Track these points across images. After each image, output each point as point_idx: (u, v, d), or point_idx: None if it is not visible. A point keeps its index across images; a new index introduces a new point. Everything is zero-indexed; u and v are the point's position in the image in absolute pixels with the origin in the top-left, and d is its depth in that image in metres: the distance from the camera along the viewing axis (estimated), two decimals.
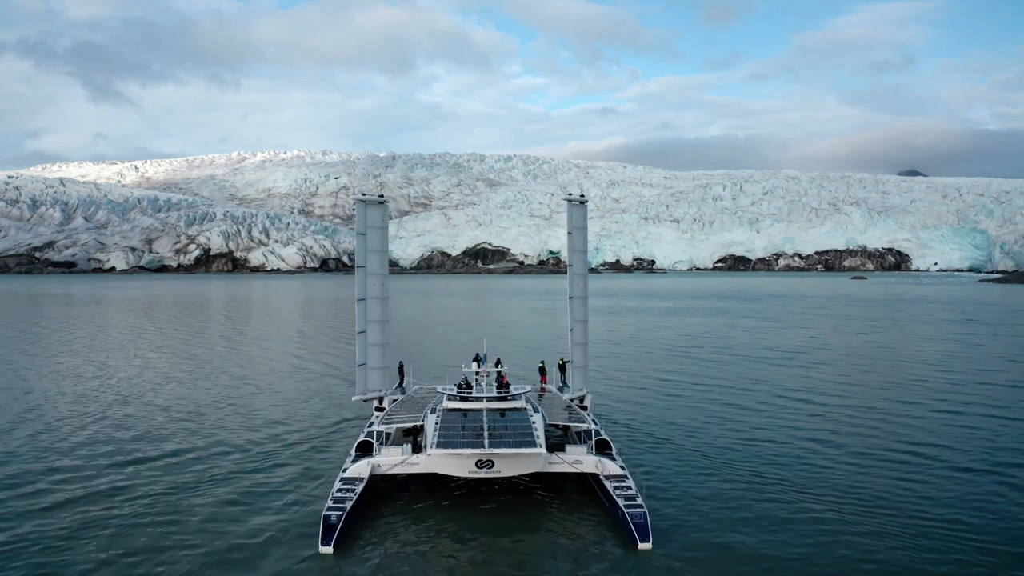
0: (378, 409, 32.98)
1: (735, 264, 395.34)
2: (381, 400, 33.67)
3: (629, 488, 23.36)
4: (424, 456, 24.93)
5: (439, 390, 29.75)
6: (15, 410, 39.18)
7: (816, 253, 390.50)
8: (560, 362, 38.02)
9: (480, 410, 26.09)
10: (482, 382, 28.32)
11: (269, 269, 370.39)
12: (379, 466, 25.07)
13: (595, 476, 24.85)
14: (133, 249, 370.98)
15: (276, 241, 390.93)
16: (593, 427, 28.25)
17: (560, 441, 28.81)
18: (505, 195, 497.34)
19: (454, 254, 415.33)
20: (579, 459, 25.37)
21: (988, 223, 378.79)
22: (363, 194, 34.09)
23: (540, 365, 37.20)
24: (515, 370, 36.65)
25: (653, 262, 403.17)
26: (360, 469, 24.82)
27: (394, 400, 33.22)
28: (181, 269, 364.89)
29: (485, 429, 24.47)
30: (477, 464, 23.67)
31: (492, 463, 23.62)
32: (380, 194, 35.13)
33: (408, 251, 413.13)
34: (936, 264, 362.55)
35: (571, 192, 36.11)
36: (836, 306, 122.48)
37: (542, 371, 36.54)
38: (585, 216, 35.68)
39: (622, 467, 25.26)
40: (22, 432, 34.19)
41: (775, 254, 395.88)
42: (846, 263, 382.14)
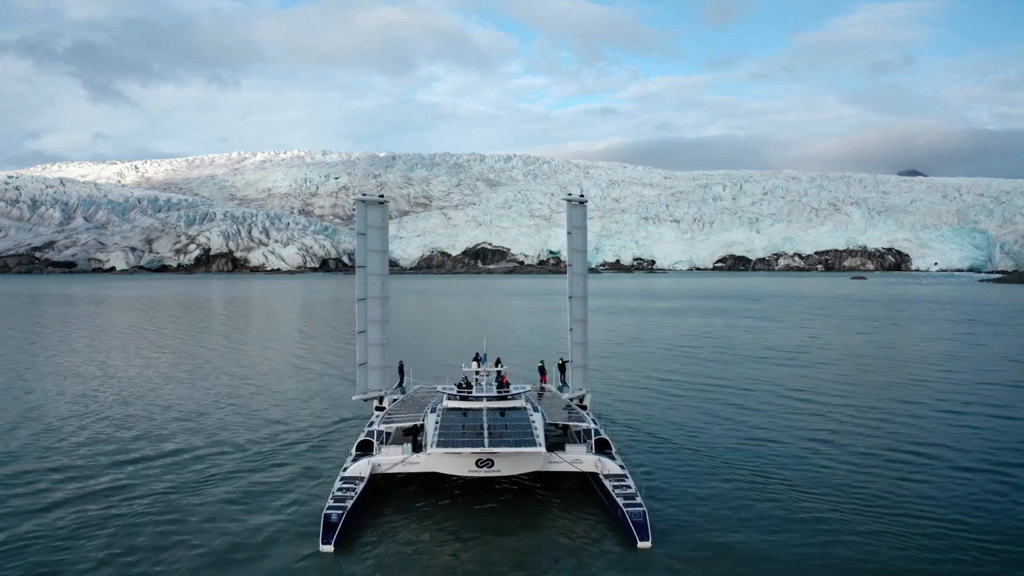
0: (378, 409, 33.02)
1: (735, 264, 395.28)
2: (381, 400, 33.70)
3: (629, 487, 23.40)
4: (424, 455, 24.97)
5: (439, 390, 29.77)
6: (16, 410, 39.18)
7: (816, 253, 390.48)
8: (560, 362, 38.03)
9: (480, 409, 26.12)
10: (482, 382, 28.37)
11: (269, 269, 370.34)
12: (379, 465, 25.10)
13: (595, 475, 24.89)
14: (133, 249, 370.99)
15: (276, 241, 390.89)
16: (593, 426, 28.30)
17: (560, 440, 28.84)
18: (505, 195, 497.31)
19: (454, 254, 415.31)
20: (579, 458, 25.40)
21: (988, 223, 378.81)
22: (363, 194, 34.16)
23: (540, 365, 37.24)
24: (515, 370, 36.63)
25: (653, 262, 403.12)
26: (360, 468, 24.85)
27: (394, 400, 33.24)
28: (181, 269, 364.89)
29: (485, 428, 24.51)
30: (477, 463, 23.71)
31: (492, 462, 23.66)
32: (380, 194, 35.17)
33: (408, 251, 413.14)
34: (936, 264, 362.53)
35: (571, 192, 36.14)
36: (836, 306, 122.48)
37: (542, 371, 36.59)
38: (585, 216, 35.70)
39: (622, 466, 25.29)
40: (22, 432, 34.20)
41: (775, 254, 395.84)
42: (846, 263, 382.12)
